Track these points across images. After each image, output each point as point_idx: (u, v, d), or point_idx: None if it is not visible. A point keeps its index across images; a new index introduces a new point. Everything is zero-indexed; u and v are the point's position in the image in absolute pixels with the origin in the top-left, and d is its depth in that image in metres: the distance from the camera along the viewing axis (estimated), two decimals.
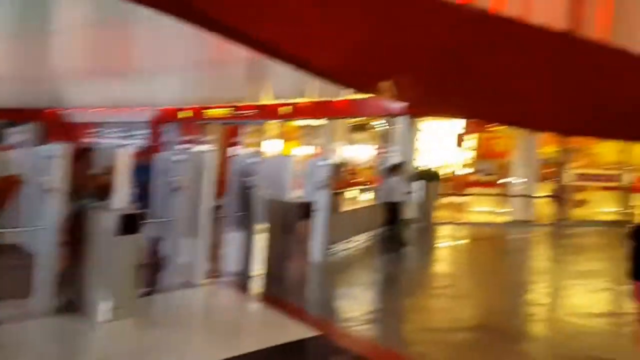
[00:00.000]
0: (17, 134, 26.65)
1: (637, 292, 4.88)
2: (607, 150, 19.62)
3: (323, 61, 10.93)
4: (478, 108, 13.64)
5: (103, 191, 6.76)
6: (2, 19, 27.51)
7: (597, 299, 8.84)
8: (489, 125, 20.35)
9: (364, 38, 9.84)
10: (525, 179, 17.96)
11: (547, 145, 19.30)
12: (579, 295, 9.10)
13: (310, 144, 22.52)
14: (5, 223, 6.12)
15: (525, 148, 18.10)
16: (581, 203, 19.00)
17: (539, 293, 9.03)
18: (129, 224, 6.29)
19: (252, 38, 9.61)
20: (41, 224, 6.32)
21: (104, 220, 6.25)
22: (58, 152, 6.31)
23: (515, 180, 18.16)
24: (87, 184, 6.71)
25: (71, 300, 6.47)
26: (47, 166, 6.33)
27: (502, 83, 11.10)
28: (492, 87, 11.47)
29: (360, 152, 22.79)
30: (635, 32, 16.15)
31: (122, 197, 6.62)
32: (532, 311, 7.97)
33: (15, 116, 28.27)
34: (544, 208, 18.43)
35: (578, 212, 18.57)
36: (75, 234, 6.42)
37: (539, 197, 18.16)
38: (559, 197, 17.90)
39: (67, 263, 6.51)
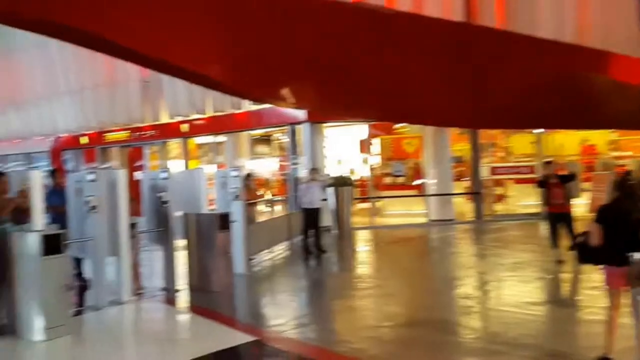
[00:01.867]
0: None
1: (611, 278, 5.53)
2: (520, 142, 21.26)
3: (217, 73, 11.62)
4: (380, 108, 14.72)
5: (20, 214, 7.38)
6: None
7: (531, 288, 9.58)
8: (396, 127, 21.65)
9: (255, 46, 10.62)
10: (439, 178, 19.30)
11: (458, 142, 20.79)
12: (510, 286, 9.86)
13: (213, 161, 23.26)
14: None
15: (436, 147, 19.48)
16: (499, 198, 20.58)
17: (469, 287, 9.72)
18: (53, 244, 6.91)
19: (143, 55, 10.21)
20: None
21: (28, 242, 6.85)
22: None
23: (430, 180, 19.47)
24: (4, 208, 7.27)
25: (3, 322, 7.09)
26: None
27: (402, 80, 12.13)
28: (392, 86, 12.48)
29: (266, 165, 23.68)
30: (534, 16, 17.72)
31: (39, 218, 7.24)
32: (465, 304, 8.51)
33: None
34: (462, 206, 19.85)
35: (497, 207, 20.14)
36: None
37: (455, 194, 19.60)
38: (476, 193, 19.39)
39: None
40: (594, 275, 8.29)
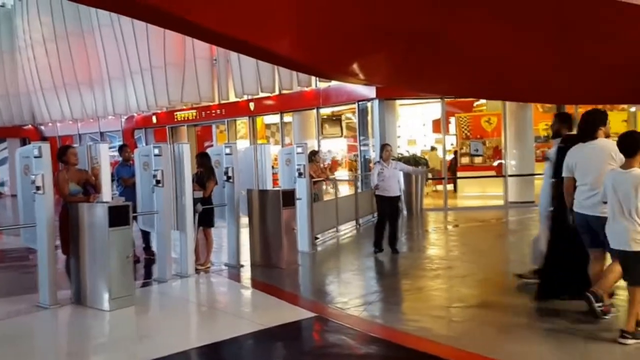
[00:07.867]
0: None
1: None
2: (611, 121, 20.69)
3: (287, 50, 11.89)
4: (460, 81, 14.63)
5: (89, 186, 7.95)
6: None
7: None
8: (475, 104, 21.50)
9: (330, 19, 10.77)
10: (520, 158, 19.24)
11: (542, 120, 20.48)
12: None
13: (280, 141, 23.77)
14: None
15: (518, 125, 19.35)
16: None
17: None
18: (120, 216, 7.41)
19: (214, 33, 10.60)
20: (36, 222, 7.46)
21: (96, 213, 7.38)
22: (41, 152, 7.41)
23: (510, 160, 19.37)
24: (73, 180, 7.83)
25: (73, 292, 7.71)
26: (34, 166, 7.44)
27: (486, 51, 12.01)
28: (475, 57, 12.38)
29: (335, 145, 24.00)
30: None
31: (107, 191, 7.80)
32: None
33: None
34: None
35: None
36: (66, 229, 7.58)
37: (537, 175, 19.36)
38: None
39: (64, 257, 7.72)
40: None
